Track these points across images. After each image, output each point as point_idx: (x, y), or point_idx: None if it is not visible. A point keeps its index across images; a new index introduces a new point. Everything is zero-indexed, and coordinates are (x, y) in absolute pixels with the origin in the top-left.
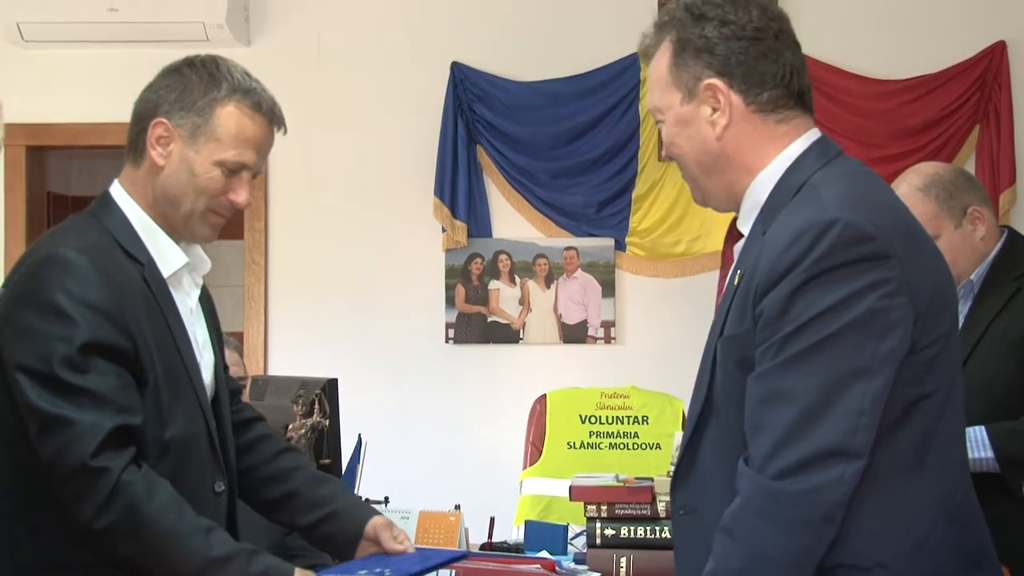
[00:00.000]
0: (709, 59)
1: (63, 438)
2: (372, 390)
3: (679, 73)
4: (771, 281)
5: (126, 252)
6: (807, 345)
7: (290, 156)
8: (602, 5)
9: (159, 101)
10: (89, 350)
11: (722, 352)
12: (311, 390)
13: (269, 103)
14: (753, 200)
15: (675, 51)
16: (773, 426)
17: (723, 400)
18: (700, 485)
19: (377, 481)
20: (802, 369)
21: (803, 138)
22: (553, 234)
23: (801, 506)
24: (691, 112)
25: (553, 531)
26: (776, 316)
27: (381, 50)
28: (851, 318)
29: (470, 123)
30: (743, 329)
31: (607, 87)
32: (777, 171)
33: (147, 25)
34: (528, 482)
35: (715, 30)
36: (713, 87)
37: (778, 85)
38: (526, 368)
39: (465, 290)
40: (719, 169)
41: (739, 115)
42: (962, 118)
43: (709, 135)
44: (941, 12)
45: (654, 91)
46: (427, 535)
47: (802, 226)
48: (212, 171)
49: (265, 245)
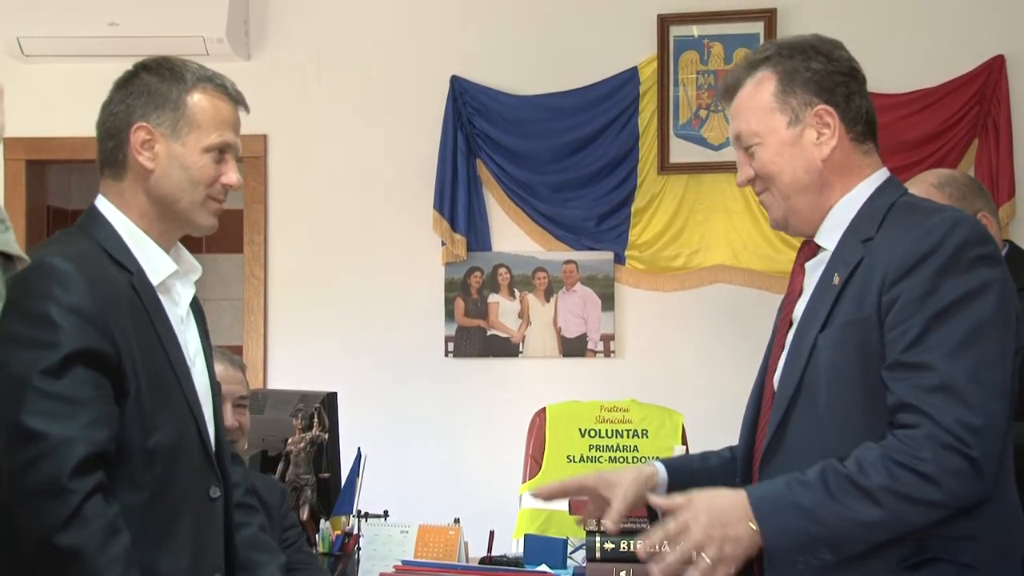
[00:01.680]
0: (818, 88)
1: (34, 451)
2: (371, 403)
3: (787, 99)
4: (905, 268)
5: (115, 261)
6: (965, 330)
7: (290, 169)
8: (601, 19)
9: (130, 109)
10: (72, 358)
11: (838, 336)
12: (310, 404)
13: (231, 84)
14: (838, 218)
15: (782, 79)
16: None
17: (825, 381)
18: (788, 463)
19: (376, 495)
20: (962, 355)
21: (882, 171)
22: (552, 247)
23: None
24: (796, 135)
25: (553, 545)
26: (918, 298)
27: (381, 63)
28: (993, 308)
29: (470, 136)
30: (864, 315)
31: (606, 100)
32: (862, 195)
33: (147, 39)
34: (528, 496)
35: (824, 65)
36: (824, 113)
37: (866, 120)
38: (525, 381)
39: (465, 303)
40: (815, 188)
41: (842, 141)
42: (961, 132)
43: (815, 156)
44: (940, 26)
45: (750, 118)
46: (426, 549)
47: (931, 223)
48: (202, 159)
49: (264, 259)
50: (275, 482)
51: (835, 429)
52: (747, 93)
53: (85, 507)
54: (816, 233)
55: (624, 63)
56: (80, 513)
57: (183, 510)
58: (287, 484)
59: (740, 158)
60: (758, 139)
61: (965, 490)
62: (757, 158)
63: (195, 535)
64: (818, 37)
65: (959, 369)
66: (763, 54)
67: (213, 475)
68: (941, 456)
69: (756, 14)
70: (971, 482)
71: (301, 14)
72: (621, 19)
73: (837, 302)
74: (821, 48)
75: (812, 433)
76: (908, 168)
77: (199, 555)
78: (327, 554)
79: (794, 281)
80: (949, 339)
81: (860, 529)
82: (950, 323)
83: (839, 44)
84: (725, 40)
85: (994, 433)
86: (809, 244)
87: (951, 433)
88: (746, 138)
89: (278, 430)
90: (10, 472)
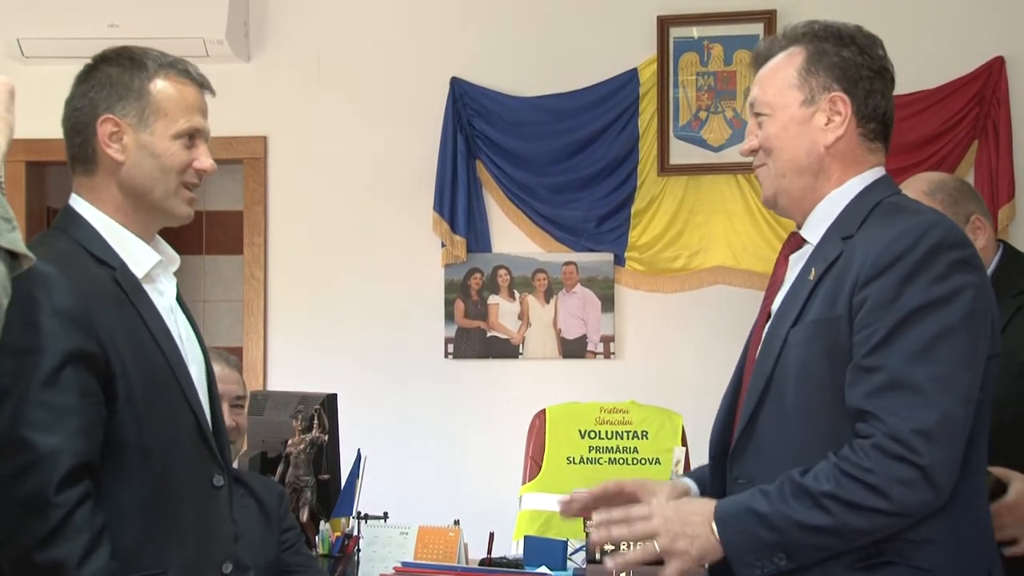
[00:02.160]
0: (841, 76)
1: (20, 461)
2: (371, 405)
3: (808, 78)
4: (877, 270)
5: (96, 258)
6: (926, 336)
7: (289, 170)
8: (601, 20)
9: (94, 103)
10: (59, 363)
11: (808, 334)
12: (310, 405)
13: (194, 68)
14: (825, 212)
15: (810, 58)
16: (900, 412)
17: (793, 379)
18: (757, 456)
19: (376, 496)
20: (921, 360)
21: (877, 168)
22: (552, 249)
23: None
24: (807, 115)
25: (552, 546)
26: (887, 301)
27: (381, 65)
28: (961, 314)
29: (469, 138)
30: (835, 314)
31: (606, 102)
32: (852, 190)
33: (147, 41)
34: (527, 497)
35: (854, 55)
36: (840, 100)
37: (882, 120)
38: (525, 383)
39: (464, 305)
40: (811, 172)
41: (850, 132)
42: (961, 133)
43: (819, 140)
44: (940, 28)
45: (768, 88)
46: (426, 550)
47: (906, 224)
48: (172, 146)
49: (264, 260)
50: (274, 484)
51: (802, 427)
52: (775, 64)
53: (71, 520)
54: (803, 224)
55: (624, 64)
56: (65, 526)
57: (187, 501)
58: (287, 486)
59: (750, 125)
60: (769, 110)
61: (914, 499)
62: (764, 129)
63: (201, 525)
64: (860, 29)
65: (917, 374)
66: (801, 30)
67: (215, 464)
68: (888, 467)
69: (756, 15)
70: (920, 491)
71: (301, 15)
72: (621, 21)
73: (810, 298)
74: (858, 39)
75: (780, 430)
76: (907, 170)
77: (207, 545)
78: (327, 556)
79: (776, 272)
80: (910, 344)
81: (810, 534)
82: (914, 329)
83: (878, 42)
84: (725, 41)
85: (950, 439)
86: (795, 236)
87: (900, 441)
88: (759, 106)
89: (278, 431)
90: None
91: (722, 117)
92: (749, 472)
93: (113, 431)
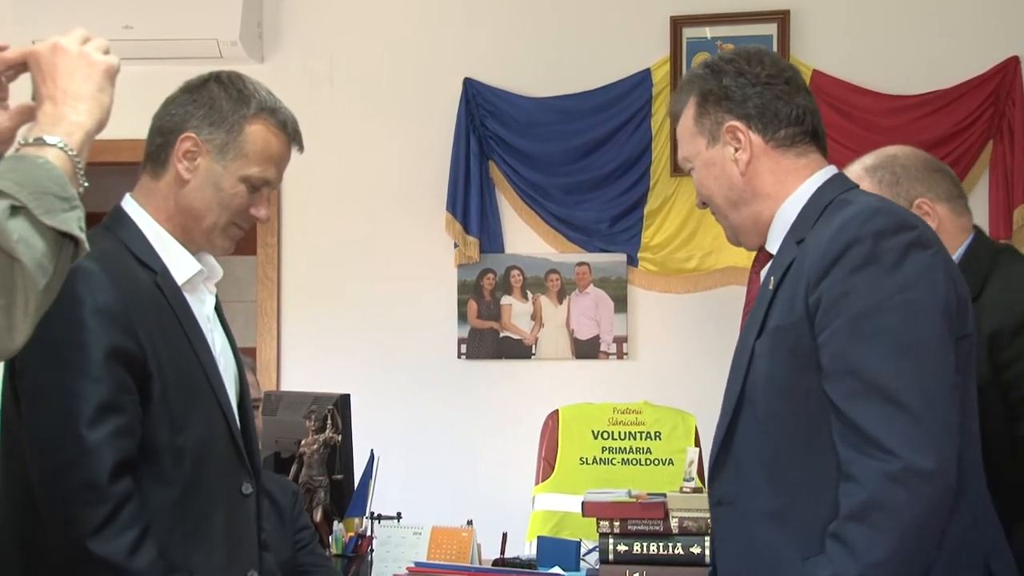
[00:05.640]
0: (728, 105)
1: (69, 455)
2: (384, 406)
3: (703, 121)
4: (824, 267)
5: (139, 261)
6: (892, 332)
7: (303, 172)
8: (614, 21)
9: (187, 116)
10: (101, 359)
11: (771, 343)
12: (324, 405)
13: (292, 122)
14: (782, 222)
15: (698, 103)
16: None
17: (763, 391)
18: (736, 476)
19: (389, 497)
20: (893, 361)
21: (824, 171)
22: (565, 249)
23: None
24: (716, 154)
25: (566, 547)
26: (839, 297)
27: (394, 65)
28: (923, 302)
29: (482, 139)
30: (794, 319)
31: (619, 103)
32: (803, 196)
33: (161, 42)
34: (540, 498)
35: (732, 80)
36: (733, 128)
37: (793, 123)
38: (538, 383)
39: (477, 305)
40: (744, 202)
41: (760, 151)
42: (975, 133)
43: (734, 172)
44: (954, 28)
45: (683, 144)
46: (439, 551)
47: (847, 218)
48: (238, 187)
49: (278, 261)
50: (288, 483)
51: (778, 437)
52: (681, 120)
53: (122, 512)
54: (768, 241)
55: (636, 65)
56: (117, 517)
57: (216, 506)
58: (300, 486)
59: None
60: (690, 163)
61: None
62: (695, 181)
63: (228, 531)
64: (735, 51)
65: (890, 379)
66: (687, 78)
67: (245, 471)
68: (884, 489)
69: (769, 16)
70: (928, 487)
71: (315, 17)
72: (633, 21)
73: (771, 307)
74: (735, 61)
75: (756, 443)
76: None
77: (233, 551)
78: (340, 556)
79: (751, 290)
80: (878, 344)
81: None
82: (877, 325)
83: (758, 53)
84: (738, 42)
85: (938, 440)
86: (762, 251)
87: (889, 454)
88: (682, 162)
89: (291, 432)
90: (43, 476)
91: None
92: (731, 494)
93: (147, 432)
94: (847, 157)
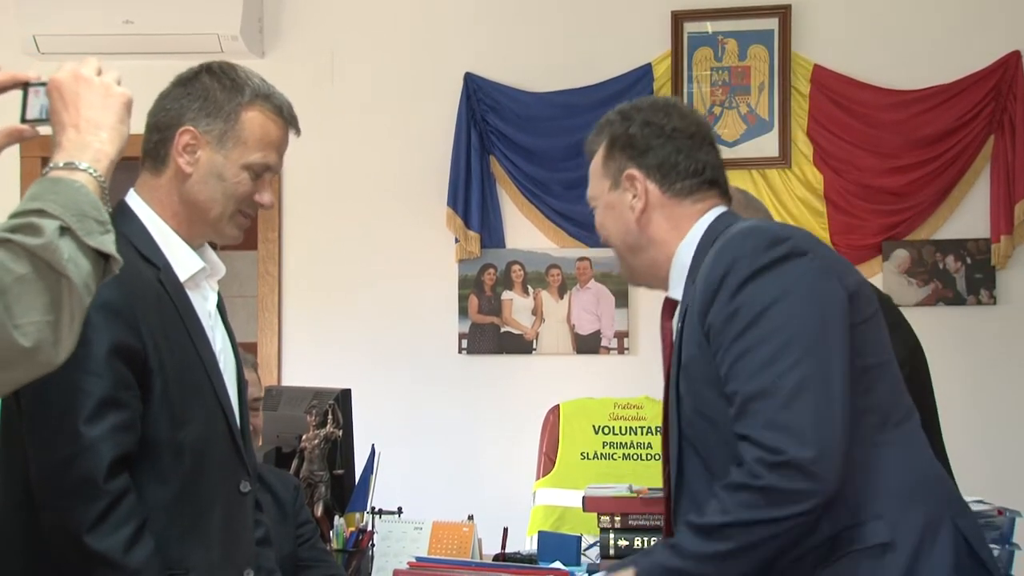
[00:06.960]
0: (631, 152)
1: (69, 450)
2: (385, 401)
3: (609, 165)
4: (710, 296)
5: (142, 256)
6: (768, 341)
7: (304, 167)
8: (615, 15)
9: (183, 109)
10: (103, 355)
11: (686, 379)
12: (325, 400)
13: (287, 106)
14: (679, 266)
15: (607, 146)
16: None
17: (697, 427)
18: (695, 509)
19: (390, 491)
20: (770, 368)
21: (714, 209)
22: (566, 244)
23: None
24: (616, 198)
25: (566, 542)
26: (725, 320)
27: (395, 60)
28: (798, 307)
29: (483, 134)
30: (698, 351)
31: (620, 98)
32: (695, 239)
33: (162, 37)
34: (541, 492)
35: (639, 129)
36: (632, 176)
37: (691, 176)
38: (539, 378)
39: (478, 300)
40: (641, 248)
41: (655, 200)
42: (977, 128)
43: (630, 217)
44: (955, 22)
45: (591, 183)
46: (440, 545)
47: (722, 246)
48: (241, 175)
49: (279, 256)
50: (290, 477)
51: (723, 466)
52: (593, 161)
53: (119, 507)
54: (670, 287)
55: (638, 60)
56: (114, 513)
57: (214, 504)
58: (301, 480)
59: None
60: (595, 203)
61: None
62: (596, 221)
63: (226, 529)
64: (650, 101)
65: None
66: (602, 121)
67: (243, 469)
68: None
69: (771, 10)
70: (798, 482)
71: (315, 11)
72: (635, 16)
73: (681, 347)
74: (645, 111)
75: (706, 475)
76: (923, 165)
77: (230, 549)
78: (341, 551)
79: (664, 340)
80: (756, 357)
81: (726, 563)
82: (756, 338)
83: (670, 106)
84: (739, 36)
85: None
86: (667, 300)
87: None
88: (589, 200)
89: (292, 427)
90: (41, 470)
91: (736, 112)
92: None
93: (147, 428)
94: (848, 152)
